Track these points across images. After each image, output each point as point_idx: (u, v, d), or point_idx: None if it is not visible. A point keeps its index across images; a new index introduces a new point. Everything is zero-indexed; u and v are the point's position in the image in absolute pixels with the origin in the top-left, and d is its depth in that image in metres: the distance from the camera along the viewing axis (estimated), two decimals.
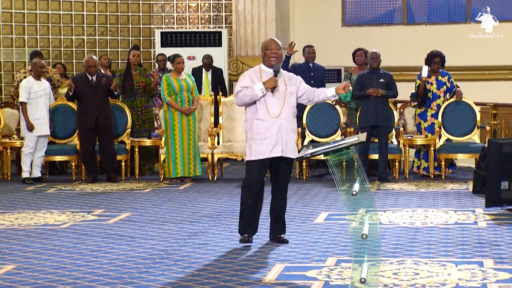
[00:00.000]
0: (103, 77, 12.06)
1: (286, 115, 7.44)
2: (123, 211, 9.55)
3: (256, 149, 7.41)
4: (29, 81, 12.00)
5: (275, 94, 7.41)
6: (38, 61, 12.07)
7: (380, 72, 11.81)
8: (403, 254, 7.08)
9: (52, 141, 12.39)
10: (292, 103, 7.49)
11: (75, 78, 12.33)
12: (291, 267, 6.65)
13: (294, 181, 11.99)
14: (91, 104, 11.86)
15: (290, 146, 7.46)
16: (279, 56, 7.57)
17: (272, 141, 7.39)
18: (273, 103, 7.43)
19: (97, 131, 11.94)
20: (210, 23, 15.94)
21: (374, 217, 5.75)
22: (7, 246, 7.63)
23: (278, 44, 7.59)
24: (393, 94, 11.84)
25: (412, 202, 9.96)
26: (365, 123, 11.67)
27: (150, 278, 6.35)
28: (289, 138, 7.45)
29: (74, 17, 15.68)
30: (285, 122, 7.43)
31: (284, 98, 7.46)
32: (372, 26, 16.30)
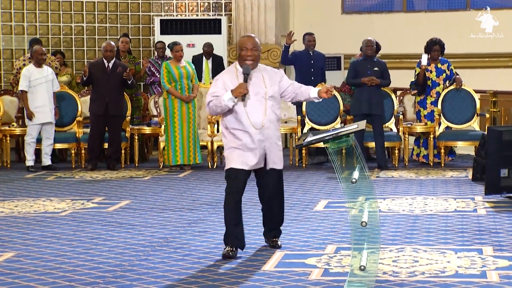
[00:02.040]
0: (119, 66, 12.03)
1: (270, 123, 6.63)
2: (122, 198, 9.56)
3: (236, 158, 6.60)
4: (29, 69, 11.98)
5: (253, 99, 6.56)
6: (38, 48, 12.05)
7: (375, 60, 11.81)
8: (402, 241, 7.09)
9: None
10: (276, 107, 6.69)
11: (92, 63, 12.30)
12: (290, 255, 6.66)
13: (293, 169, 12.01)
14: (103, 91, 11.87)
15: (276, 156, 6.70)
16: (256, 58, 6.66)
17: (257, 153, 6.60)
18: (253, 111, 6.58)
19: (107, 118, 11.94)
20: (209, 11, 15.90)
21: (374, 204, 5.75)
22: (7, 233, 7.64)
23: (255, 43, 6.67)
24: (386, 83, 11.86)
25: (412, 189, 9.96)
26: (358, 111, 11.66)
27: (149, 265, 6.36)
28: (274, 149, 6.68)
29: (73, 4, 15.64)
30: (268, 132, 6.62)
31: (265, 103, 6.62)
32: (371, 13, 16.26)
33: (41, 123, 11.95)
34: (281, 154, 6.76)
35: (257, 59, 6.69)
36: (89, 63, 12.66)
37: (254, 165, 6.62)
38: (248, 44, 6.66)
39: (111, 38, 15.59)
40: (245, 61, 6.63)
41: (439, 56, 12.11)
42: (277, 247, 6.86)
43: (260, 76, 6.69)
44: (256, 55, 6.67)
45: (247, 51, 6.64)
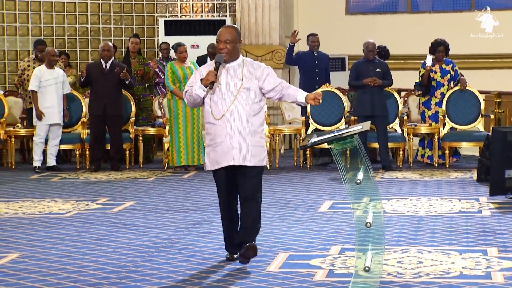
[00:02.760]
0: (117, 66, 12.04)
1: (239, 115, 6.19)
2: (127, 199, 9.56)
3: (212, 158, 6.32)
4: (41, 70, 12.00)
5: (223, 90, 6.23)
6: (51, 50, 12.10)
7: (376, 61, 11.81)
8: (407, 242, 7.08)
9: None
10: (250, 100, 6.23)
11: (90, 65, 12.33)
12: (295, 256, 6.66)
13: (298, 170, 12.01)
14: (101, 92, 11.87)
15: (246, 151, 6.22)
16: (230, 52, 6.25)
17: (225, 147, 6.22)
18: (221, 103, 6.24)
19: (106, 119, 11.94)
20: (214, 12, 15.90)
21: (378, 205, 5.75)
22: (11, 234, 7.65)
23: (231, 35, 6.27)
24: (388, 84, 11.86)
25: (416, 190, 9.96)
26: (361, 113, 11.67)
27: (154, 266, 6.36)
28: (244, 143, 6.20)
29: (77, 5, 15.65)
30: (236, 124, 6.19)
31: (235, 95, 6.21)
32: (376, 14, 16.25)
33: (49, 124, 11.97)
34: (256, 150, 6.25)
35: (232, 52, 6.26)
36: (86, 64, 12.67)
37: (223, 162, 6.23)
38: (221, 36, 6.28)
39: (116, 39, 15.61)
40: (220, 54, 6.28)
41: (443, 57, 12.11)
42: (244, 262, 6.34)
43: (239, 68, 6.30)
44: (230, 48, 6.25)
45: (219, 43, 6.28)
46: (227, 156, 6.22)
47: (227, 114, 6.21)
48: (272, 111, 14.49)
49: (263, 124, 6.39)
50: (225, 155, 6.23)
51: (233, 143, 6.21)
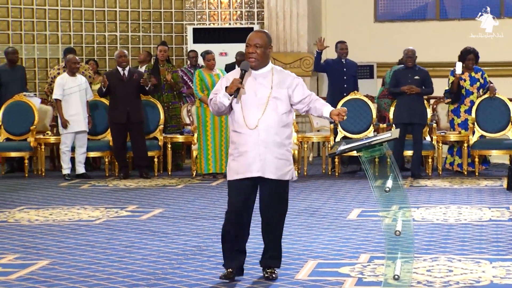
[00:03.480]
0: (135, 72, 12.10)
1: (267, 125, 5.93)
2: (156, 207, 9.59)
3: (232, 167, 6.03)
4: (63, 78, 12.06)
5: (253, 98, 5.96)
6: (72, 57, 12.14)
7: (416, 68, 11.77)
8: (436, 251, 7.05)
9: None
10: (279, 110, 5.97)
11: (107, 73, 12.37)
12: (323, 264, 6.64)
13: (326, 178, 11.99)
14: (122, 100, 11.89)
15: (271, 164, 5.95)
16: (260, 57, 5.98)
17: (249, 158, 5.95)
18: (250, 111, 5.96)
19: (129, 126, 11.97)
20: (242, 19, 15.94)
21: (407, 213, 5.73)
22: (41, 241, 7.70)
23: (261, 39, 6.01)
24: (428, 91, 11.80)
25: (446, 198, 9.91)
26: (399, 120, 11.64)
27: (183, 274, 6.37)
28: (269, 155, 5.94)
29: (107, 13, 15.76)
30: (264, 134, 5.92)
31: (265, 104, 5.94)
32: (404, 21, 16.20)
33: (74, 132, 12.03)
34: (280, 163, 5.98)
35: (261, 57, 5.98)
36: (105, 73, 12.70)
37: (245, 172, 5.96)
38: (251, 40, 6.02)
39: (144, 47, 15.69)
40: (249, 59, 6.00)
41: (473, 65, 12.06)
42: (271, 279, 6.15)
43: (268, 76, 6.04)
44: (260, 53, 5.97)
45: (249, 47, 6.00)
46: (249, 167, 5.95)
47: (258, 123, 5.92)
48: (301, 118, 14.49)
49: (291, 137, 6.12)
50: (247, 166, 5.95)
51: (260, 153, 5.94)
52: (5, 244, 7.57)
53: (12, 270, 6.57)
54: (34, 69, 15.32)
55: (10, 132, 12.61)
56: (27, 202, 10.03)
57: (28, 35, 15.27)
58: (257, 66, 6.02)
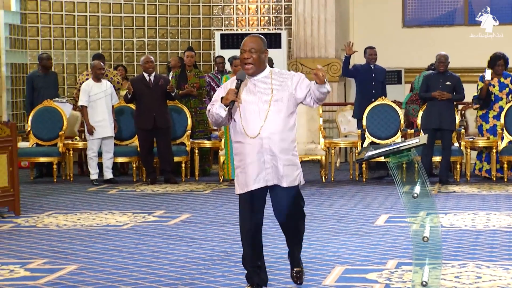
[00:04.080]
0: (161, 78, 12.13)
1: (270, 132, 5.68)
2: (183, 212, 9.61)
3: (240, 180, 5.86)
4: (88, 84, 12.12)
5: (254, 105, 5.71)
6: (97, 63, 12.19)
7: (448, 74, 11.71)
8: (465, 257, 7.00)
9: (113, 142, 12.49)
10: (283, 114, 5.72)
11: (133, 79, 12.42)
12: (351, 270, 6.62)
13: (354, 183, 11.96)
14: (148, 105, 11.92)
15: (280, 172, 5.73)
16: (256, 61, 5.71)
17: (255, 168, 5.74)
18: (251, 119, 5.71)
19: (155, 132, 12.00)
20: (269, 25, 15.96)
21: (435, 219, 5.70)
22: (70, 246, 7.74)
23: (256, 44, 5.74)
24: (459, 98, 11.73)
25: (474, 204, 9.85)
26: (428, 125, 11.60)
27: (210, 279, 6.38)
28: (276, 163, 5.71)
29: (135, 19, 15.83)
30: (268, 142, 5.67)
31: (267, 110, 5.69)
32: (432, 27, 16.15)
33: (101, 138, 12.08)
34: (288, 170, 5.75)
35: (257, 62, 5.71)
36: (130, 80, 12.74)
37: (254, 184, 5.77)
38: (246, 45, 5.73)
39: (172, 52, 15.74)
40: (244, 65, 5.75)
41: (502, 71, 11.99)
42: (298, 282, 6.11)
43: (267, 80, 5.78)
44: (256, 58, 5.70)
45: (244, 53, 5.74)
46: (259, 177, 5.74)
47: (260, 131, 5.67)
48: (328, 124, 14.47)
49: (295, 141, 5.84)
50: (256, 177, 5.74)
51: (265, 162, 5.71)
52: (33, 249, 7.62)
53: (41, 274, 6.61)
54: (63, 75, 15.42)
55: (39, 138, 12.69)
56: (56, 207, 10.09)
57: (57, 41, 15.38)
58: (254, 72, 5.76)
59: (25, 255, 7.35)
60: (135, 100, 12.14)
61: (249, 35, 5.86)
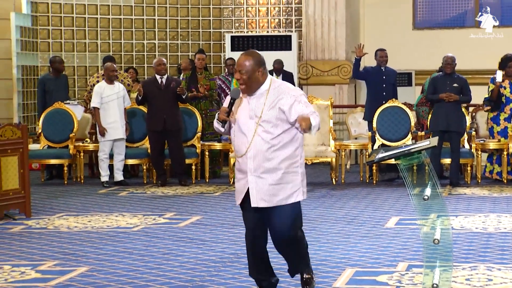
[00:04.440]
0: (173, 80, 12.15)
1: (255, 152, 5.53)
2: (193, 214, 9.62)
3: (235, 193, 5.80)
4: (101, 86, 12.14)
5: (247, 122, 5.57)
6: (110, 65, 12.21)
7: (455, 76, 11.69)
8: (475, 259, 6.99)
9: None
10: (270, 135, 5.51)
11: (145, 81, 12.44)
12: (361, 272, 6.62)
13: (364, 185, 11.95)
14: (159, 107, 11.94)
15: (264, 192, 5.54)
16: (247, 82, 5.54)
17: (240, 186, 5.67)
18: (240, 138, 5.63)
19: (166, 134, 12.02)
20: (280, 27, 15.96)
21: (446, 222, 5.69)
22: (80, 248, 7.75)
23: (249, 63, 5.55)
24: (466, 100, 11.71)
25: (485, 207, 9.82)
26: (436, 128, 11.57)
27: (220, 281, 6.38)
28: (260, 183, 5.54)
29: (145, 21, 15.86)
30: (253, 163, 5.53)
31: (254, 130, 5.54)
32: (443, 29, 16.13)
33: (113, 139, 12.10)
34: (276, 189, 5.55)
35: (249, 83, 5.54)
36: (142, 82, 12.75)
37: (238, 200, 5.73)
38: (238, 65, 5.61)
39: (183, 55, 15.76)
40: (239, 84, 5.63)
41: None
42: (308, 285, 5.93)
43: (262, 97, 5.59)
44: (246, 79, 5.53)
45: (235, 73, 5.63)
46: (241, 196, 5.67)
47: (246, 151, 5.56)
48: (338, 126, 14.46)
49: (292, 157, 5.60)
50: (240, 194, 5.68)
51: (249, 182, 5.58)
52: (44, 251, 7.64)
53: (52, 276, 6.63)
54: (73, 77, 15.46)
55: (50, 140, 12.72)
56: (66, 209, 10.11)
57: (68, 44, 15.42)
58: (247, 91, 5.60)
59: (36, 257, 7.37)
60: (146, 102, 12.16)
61: (242, 53, 5.66)
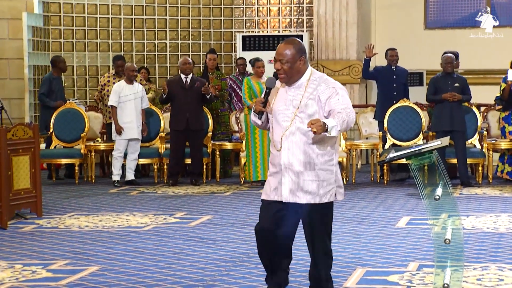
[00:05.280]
0: (197, 80, 12.13)
1: (290, 144, 5.37)
2: (204, 214, 9.62)
3: (265, 186, 5.59)
4: (120, 85, 12.16)
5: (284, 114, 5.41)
6: (130, 65, 12.23)
7: (455, 76, 11.67)
8: (487, 259, 6.97)
9: None
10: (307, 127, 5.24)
11: (170, 80, 12.43)
12: (372, 272, 6.61)
13: (375, 185, 11.93)
14: (182, 107, 11.94)
15: (299, 188, 5.38)
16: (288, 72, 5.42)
17: (276, 180, 5.47)
18: (277, 129, 5.47)
19: (188, 134, 12.01)
20: (291, 27, 15.95)
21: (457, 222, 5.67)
22: (91, 247, 7.77)
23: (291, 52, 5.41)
24: (467, 98, 11.70)
25: (496, 207, 9.80)
26: (439, 128, 11.54)
27: (231, 281, 6.38)
28: (295, 178, 5.37)
29: (157, 21, 15.87)
30: (288, 155, 5.37)
31: (291, 120, 5.39)
32: (455, 28, 16.08)
33: (128, 139, 12.12)
34: (310, 186, 5.38)
35: (289, 73, 5.40)
36: (167, 80, 12.77)
37: (272, 195, 5.48)
38: (277, 54, 5.46)
39: (194, 54, 15.77)
40: (278, 75, 5.49)
41: None
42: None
43: (301, 87, 5.44)
44: (287, 69, 5.39)
45: (275, 62, 5.48)
46: (277, 191, 5.45)
47: (281, 142, 5.40)
48: None
49: (328, 155, 5.44)
50: (274, 189, 5.47)
51: (283, 176, 5.41)
52: (55, 250, 7.66)
53: (63, 275, 6.64)
54: (85, 77, 15.48)
55: (61, 139, 12.75)
56: (77, 209, 10.14)
57: (80, 43, 15.45)
58: (287, 81, 5.47)
59: (47, 256, 7.39)
60: (170, 100, 12.16)
61: (283, 41, 5.50)
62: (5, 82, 14.85)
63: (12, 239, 8.23)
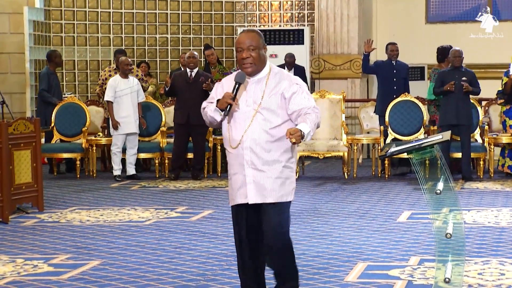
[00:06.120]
0: (202, 75, 12.11)
1: (253, 142, 5.02)
2: (205, 208, 9.63)
3: (229, 192, 5.24)
4: (115, 80, 12.15)
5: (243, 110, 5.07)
6: (124, 59, 12.21)
7: (462, 69, 11.65)
8: (488, 254, 6.98)
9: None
10: (269, 124, 5.02)
11: (176, 74, 12.43)
12: (373, 266, 6.61)
13: (376, 180, 11.93)
14: (185, 101, 11.93)
15: (264, 186, 5.05)
16: (256, 60, 5.06)
17: (238, 182, 5.11)
18: (235, 127, 5.10)
19: (190, 128, 12.01)
20: (292, 21, 15.94)
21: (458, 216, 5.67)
22: (93, 242, 7.77)
23: (256, 38, 5.08)
24: (477, 91, 11.67)
25: (497, 201, 9.80)
26: (445, 121, 11.52)
27: (232, 275, 6.38)
28: (260, 176, 5.04)
29: (158, 16, 15.86)
30: (249, 154, 5.03)
31: (252, 117, 5.04)
32: (456, 23, 16.07)
33: (125, 134, 12.12)
34: (276, 184, 5.06)
35: (257, 61, 5.06)
36: (172, 73, 12.77)
37: (237, 199, 5.14)
38: (242, 43, 5.06)
39: (195, 49, 15.76)
40: (243, 65, 5.09)
41: None
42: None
43: (262, 82, 5.11)
44: (256, 56, 5.04)
45: (242, 52, 5.06)
46: (240, 192, 5.10)
47: (242, 141, 5.05)
48: (350, 120, 14.44)
49: (290, 151, 5.13)
50: (238, 191, 5.12)
51: (246, 175, 5.06)
52: (57, 245, 7.66)
53: (64, 270, 6.65)
54: (86, 71, 15.49)
55: (63, 134, 12.76)
56: (79, 203, 10.14)
57: (81, 38, 15.44)
58: (254, 71, 5.09)
59: (49, 251, 7.39)
60: (175, 94, 12.16)
61: (243, 31, 5.17)
62: (6, 77, 14.85)
63: (14, 234, 8.24)
